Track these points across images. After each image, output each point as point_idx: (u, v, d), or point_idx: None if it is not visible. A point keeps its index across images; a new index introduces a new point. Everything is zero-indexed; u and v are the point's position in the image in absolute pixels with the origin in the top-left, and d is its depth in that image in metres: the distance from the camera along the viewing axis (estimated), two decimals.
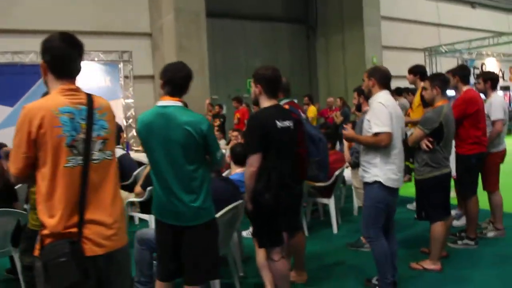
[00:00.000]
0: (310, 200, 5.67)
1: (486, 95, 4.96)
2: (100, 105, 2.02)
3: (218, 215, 3.39)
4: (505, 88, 17.40)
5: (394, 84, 8.54)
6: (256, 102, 3.36)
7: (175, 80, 2.75)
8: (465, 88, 4.67)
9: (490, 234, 4.95)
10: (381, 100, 3.45)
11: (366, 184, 3.54)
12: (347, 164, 5.37)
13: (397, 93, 8.13)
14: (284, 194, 3.14)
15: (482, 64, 17.28)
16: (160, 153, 2.69)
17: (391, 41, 15.16)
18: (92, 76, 11.42)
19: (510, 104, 16.82)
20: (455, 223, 5.24)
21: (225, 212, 3.49)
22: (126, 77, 12.07)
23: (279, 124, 3.11)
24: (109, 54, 11.80)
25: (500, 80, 17.65)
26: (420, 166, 4.04)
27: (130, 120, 12.07)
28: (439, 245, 4.03)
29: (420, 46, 15.78)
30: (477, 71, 16.73)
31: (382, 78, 3.58)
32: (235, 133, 7.25)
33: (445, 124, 3.92)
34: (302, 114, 3.86)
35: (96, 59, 11.58)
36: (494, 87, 4.96)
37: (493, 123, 4.76)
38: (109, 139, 2.03)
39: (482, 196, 4.97)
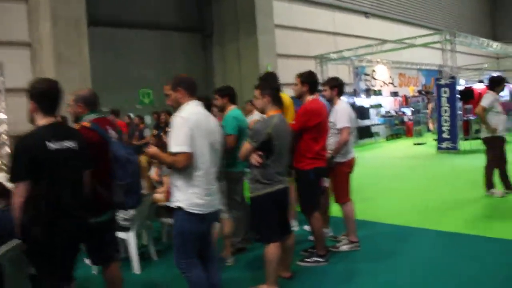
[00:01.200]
0: (164, 221, 5.20)
1: (332, 102, 4.77)
2: None
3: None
4: (395, 94, 18.15)
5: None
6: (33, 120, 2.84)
7: None
8: (310, 97, 4.41)
9: (344, 247, 4.73)
10: (183, 113, 3.03)
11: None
12: None
13: None
14: (67, 225, 2.70)
15: (373, 71, 17.93)
16: None
17: (287, 49, 15.17)
18: None
19: (400, 109, 17.60)
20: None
21: (10, 248, 2.92)
22: None
23: (51, 145, 2.66)
24: None
25: (390, 86, 18.54)
26: (251, 182, 3.70)
27: (3, 137, 10.98)
28: (273, 267, 3.67)
29: (316, 54, 16.00)
30: (368, 77, 17.33)
31: (190, 87, 3.20)
32: None
33: (276, 136, 3.61)
34: (112, 132, 3.37)
35: None
36: (340, 94, 4.77)
37: (340, 131, 4.57)
38: None
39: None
